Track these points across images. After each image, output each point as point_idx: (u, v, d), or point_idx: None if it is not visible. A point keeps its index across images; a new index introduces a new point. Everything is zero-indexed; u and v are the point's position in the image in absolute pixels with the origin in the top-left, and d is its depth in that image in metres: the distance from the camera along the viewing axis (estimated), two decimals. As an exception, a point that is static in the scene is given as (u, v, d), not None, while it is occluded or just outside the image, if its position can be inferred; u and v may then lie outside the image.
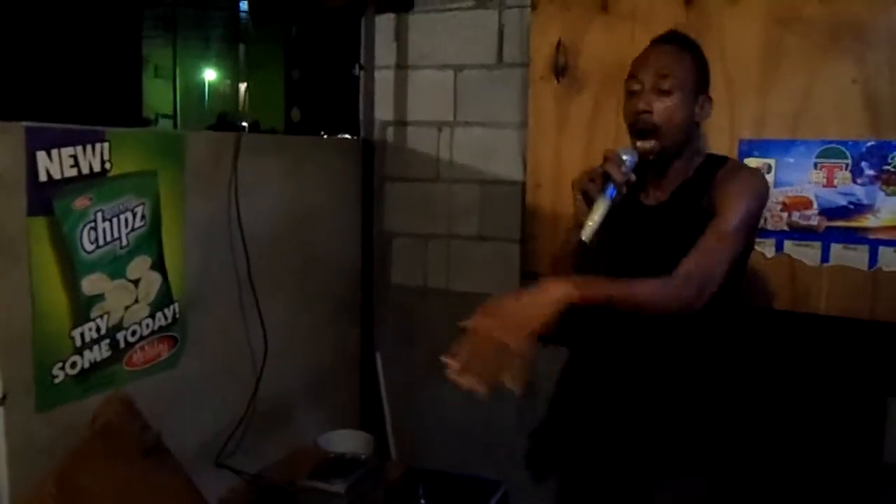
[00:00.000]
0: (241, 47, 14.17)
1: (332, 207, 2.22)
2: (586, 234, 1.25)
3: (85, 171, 1.39)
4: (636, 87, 1.32)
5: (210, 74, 14.80)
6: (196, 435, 1.73)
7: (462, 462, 2.27)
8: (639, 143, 1.31)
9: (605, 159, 1.29)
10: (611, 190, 1.26)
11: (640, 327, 1.34)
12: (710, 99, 1.36)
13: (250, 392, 1.87)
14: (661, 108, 1.29)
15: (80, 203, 1.39)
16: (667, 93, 1.29)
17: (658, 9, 1.90)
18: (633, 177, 1.29)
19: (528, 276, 2.19)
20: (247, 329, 1.87)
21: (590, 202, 1.28)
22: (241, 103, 14.02)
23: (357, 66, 2.45)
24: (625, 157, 1.28)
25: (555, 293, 1.08)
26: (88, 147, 1.40)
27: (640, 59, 1.35)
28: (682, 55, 1.33)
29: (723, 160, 1.37)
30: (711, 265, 1.21)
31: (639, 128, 1.31)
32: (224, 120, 10.89)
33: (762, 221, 1.80)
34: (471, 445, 2.32)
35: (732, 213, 1.24)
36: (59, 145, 1.35)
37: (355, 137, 2.40)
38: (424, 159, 2.35)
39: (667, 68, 1.30)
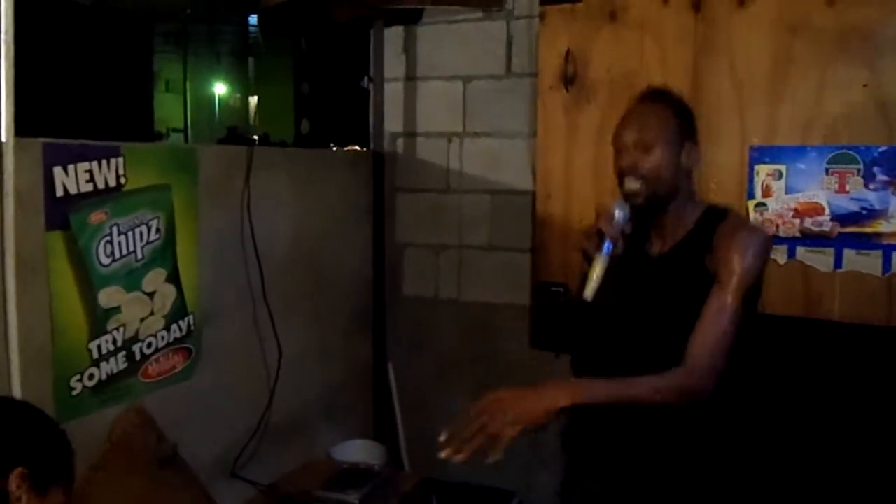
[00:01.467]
0: (251, 61, 14.32)
1: (344, 219, 2.24)
2: (588, 292, 1.29)
3: (101, 185, 1.42)
4: (620, 145, 1.37)
5: (220, 88, 14.95)
6: (211, 446, 1.74)
7: (475, 472, 2.27)
8: (626, 184, 1.35)
9: (598, 216, 1.33)
10: (607, 246, 1.31)
11: (646, 338, 1.34)
12: (696, 145, 1.40)
13: (264, 403, 1.88)
14: (645, 163, 1.33)
15: (95, 217, 1.41)
16: (649, 147, 1.33)
17: (667, 17, 1.91)
18: (627, 229, 1.34)
19: (539, 286, 2.19)
20: (260, 340, 1.88)
21: (590, 260, 1.32)
22: (251, 116, 14.15)
23: (366, 79, 2.47)
24: (616, 212, 1.33)
25: (556, 399, 1.15)
26: (104, 162, 1.42)
27: (623, 118, 1.41)
28: (661, 110, 1.37)
29: (723, 214, 1.39)
30: (716, 348, 1.24)
31: (626, 184, 1.35)
32: (234, 133, 10.98)
33: (774, 228, 1.80)
34: (483, 456, 2.32)
35: (734, 284, 1.27)
36: (76, 160, 1.37)
37: (365, 149, 2.42)
38: (434, 170, 2.36)
39: (646, 125, 1.35)
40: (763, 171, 1.81)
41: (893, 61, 1.70)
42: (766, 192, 1.82)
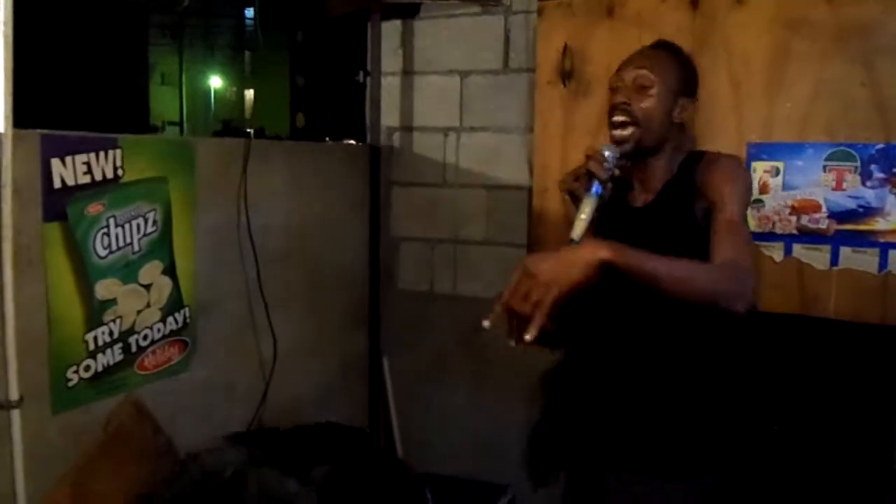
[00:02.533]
0: (247, 54, 14.25)
1: (340, 213, 2.24)
2: (576, 232, 1.27)
3: (98, 177, 1.41)
4: (618, 83, 1.35)
5: (216, 81, 14.88)
6: (206, 437, 1.73)
7: (469, 466, 2.28)
8: (615, 132, 1.33)
9: (587, 157, 1.31)
10: (596, 187, 1.29)
11: (643, 331, 1.35)
12: (693, 102, 1.39)
13: (260, 395, 1.88)
14: (640, 103, 1.32)
15: (93, 209, 1.41)
16: (646, 89, 1.32)
17: (664, 13, 1.91)
18: (616, 171, 1.32)
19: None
20: (256, 333, 1.88)
21: (577, 201, 1.31)
22: (246, 110, 14.09)
23: (361, 73, 2.47)
24: (606, 153, 1.31)
25: (594, 254, 1.08)
26: (101, 154, 1.42)
27: (626, 60, 1.39)
28: (665, 56, 1.38)
29: (700, 154, 1.39)
30: (745, 261, 1.21)
31: (617, 118, 1.33)
32: (229, 126, 10.95)
33: (770, 225, 1.81)
34: (478, 450, 2.33)
35: (730, 206, 1.26)
36: (73, 152, 1.36)
37: (361, 143, 2.41)
38: (431, 164, 2.36)
39: (647, 66, 1.35)
40: (760, 167, 1.82)
41: (891, 59, 1.70)
42: (764, 189, 1.82)
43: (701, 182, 1.32)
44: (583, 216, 1.27)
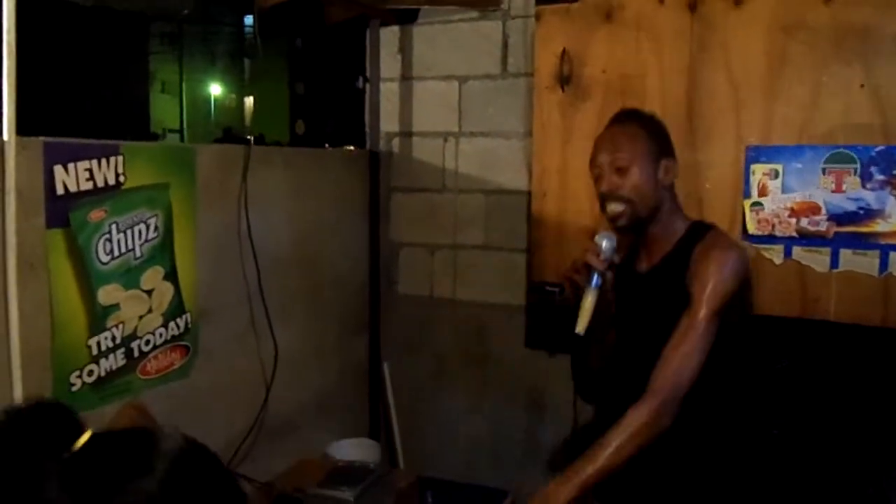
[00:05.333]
0: (246, 62, 14.29)
1: (340, 218, 2.24)
2: (580, 326, 1.32)
3: (100, 184, 1.42)
4: (597, 171, 1.39)
5: (215, 89, 14.92)
6: (208, 443, 1.72)
7: (469, 471, 2.28)
8: (608, 207, 1.37)
9: (584, 250, 1.35)
10: (596, 280, 1.32)
11: (647, 346, 1.36)
12: (674, 160, 1.41)
13: (261, 401, 1.88)
14: (625, 183, 1.35)
15: (95, 215, 1.41)
16: (625, 169, 1.35)
17: (662, 17, 1.93)
18: (616, 259, 1.36)
19: (534, 286, 2.20)
20: (257, 338, 1.88)
21: (579, 290, 1.35)
22: (246, 117, 14.12)
23: (360, 79, 2.48)
24: (603, 244, 1.34)
25: (556, 500, 1.21)
26: (103, 161, 1.43)
27: (596, 143, 1.44)
28: (633, 130, 1.39)
29: (705, 231, 1.39)
30: (676, 374, 1.27)
31: (612, 207, 1.37)
32: (230, 133, 10.96)
33: (770, 228, 1.82)
34: (478, 454, 2.33)
35: (701, 301, 1.28)
36: (76, 159, 1.37)
37: (360, 149, 2.42)
38: (430, 170, 2.37)
39: (620, 148, 1.37)
40: (759, 170, 1.82)
41: (890, 61, 1.71)
42: (763, 192, 1.83)
43: (694, 263, 1.34)
44: (586, 308, 1.31)
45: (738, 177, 1.85)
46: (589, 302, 1.31)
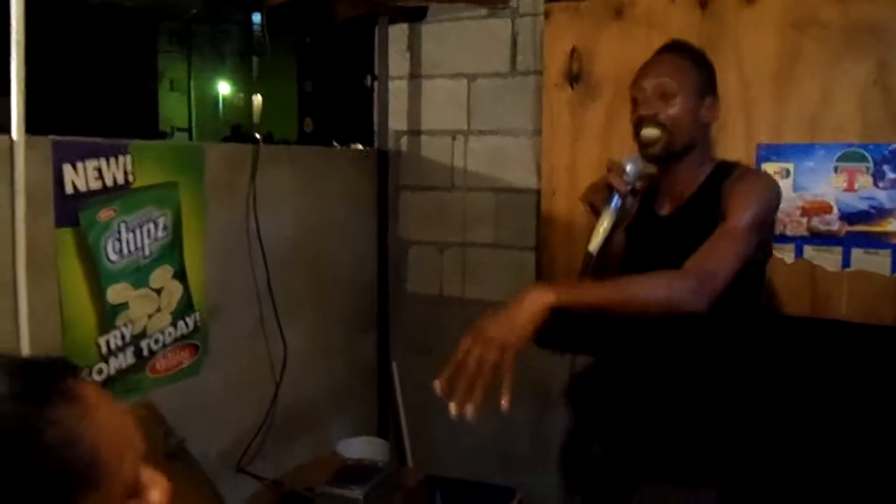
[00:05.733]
0: (255, 60, 14.33)
1: (348, 217, 2.24)
2: (593, 245, 1.27)
3: (109, 183, 1.42)
4: (639, 94, 1.34)
5: (224, 87, 14.96)
6: (217, 441, 1.75)
7: (477, 470, 2.27)
8: (644, 132, 1.31)
9: (608, 170, 1.31)
10: (616, 200, 1.28)
11: (656, 335, 1.34)
12: (717, 99, 1.37)
13: (270, 399, 1.89)
14: (666, 111, 1.31)
15: (104, 214, 1.42)
16: (670, 96, 1.31)
17: (673, 14, 1.91)
18: (638, 184, 1.31)
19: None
20: (266, 337, 1.89)
21: (597, 213, 1.30)
22: (254, 115, 14.16)
23: (369, 77, 2.47)
24: (628, 167, 1.30)
25: (534, 303, 1.06)
26: (112, 159, 1.43)
27: (643, 67, 1.39)
28: (683, 60, 1.36)
29: (732, 167, 1.36)
30: (716, 262, 1.16)
31: (647, 131, 1.32)
32: (238, 131, 11.00)
33: (781, 227, 1.80)
34: (486, 453, 2.32)
35: (738, 214, 1.22)
36: (85, 158, 1.38)
37: (369, 147, 2.42)
38: (439, 168, 2.36)
39: (668, 73, 1.33)
40: (770, 169, 1.80)
41: (901, 58, 1.69)
42: (773, 191, 1.81)
43: (726, 193, 1.29)
44: (601, 229, 1.27)
45: (749, 175, 1.83)
46: (606, 222, 1.26)
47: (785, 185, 1.80)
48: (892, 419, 1.75)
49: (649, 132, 1.31)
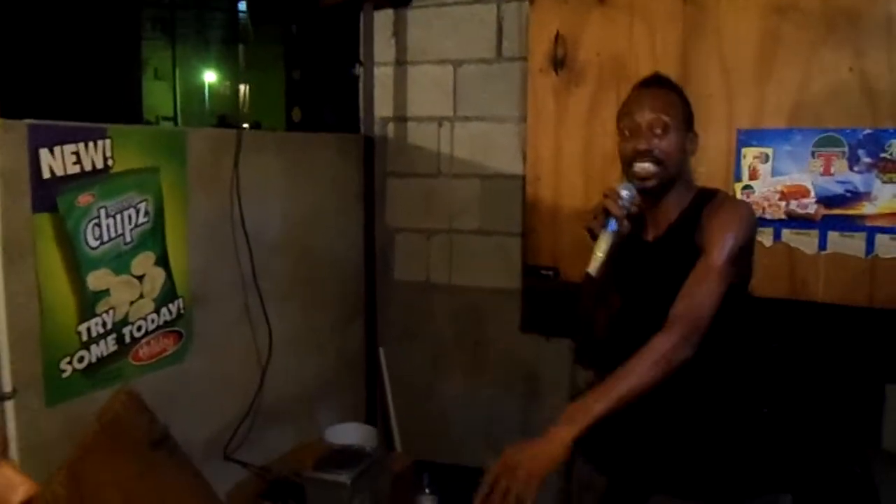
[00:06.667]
0: (241, 48, 14.18)
1: (334, 204, 2.24)
2: (592, 267, 1.32)
3: (87, 167, 1.41)
4: (632, 128, 1.37)
5: (210, 76, 14.81)
6: (203, 428, 1.74)
7: (465, 454, 2.29)
8: (639, 165, 1.35)
9: (604, 196, 1.34)
10: (612, 224, 1.32)
11: (656, 320, 1.36)
12: (696, 135, 1.42)
13: (256, 386, 1.89)
14: (660, 144, 1.35)
15: (83, 199, 1.40)
16: (665, 130, 1.35)
17: (656, 1, 1.91)
18: (633, 209, 1.35)
19: (529, 269, 2.21)
20: (251, 324, 1.88)
21: (595, 237, 1.34)
22: (241, 104, 14.04)
23: (356, 65, 2.46)
24: (623, 192, 1.34)
25: (563, 441, 1.16)
26: (90, 144, 1.41)
27: (634, 101, 1.41)
28: (672, 96, 1.39)
29: (712, 194, 1.41)
30: (697, 308, 1.26)
31: (643, 165, 1.35)
32: (224, 121, 10.92)
33: (760, 211, 1.82)
34: (474, 439, 2.34)
35: (716, 252, 1.29)
36: (62, 142, 1.36)
37: (355, 134, 2.41)
38: (425, 155, 2.36)
39: (661, 109, 1.36)
40: (750, 153, 1.83)
41: (878, 45, 1.71)
42: (753, 175, 1.83)
43: (705, 221, 1.35)
44: (599, 252, 1.31)
45: (730, 160, 1.85)
46: (604, 245, 1.31)
47: (764, 169, 1.82)
48: (867, 398, 1.78)
49: (645, 167, 1.36)
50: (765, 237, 1.83)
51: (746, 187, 1.83)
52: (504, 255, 2.28)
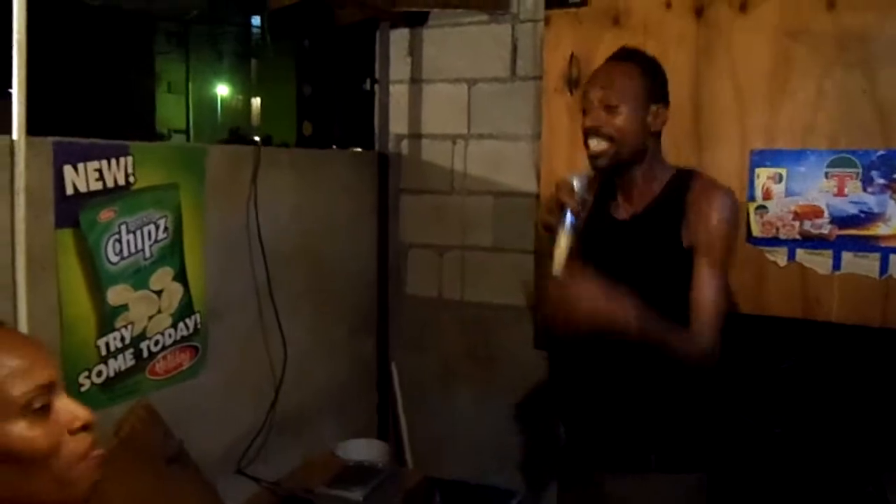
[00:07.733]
0: (253, 62, 14.34)
1: (349, 220, 2.26)
2: (556, 267, 1.30)
3: (110, 184, 1.43)
4: (587, 105, 1.36)
5: (222, 89, 14.97)
6: (217, 443, 1.75)
7: (477, 471, 2.28)
8: (591, 143, 1.34)
9: (557, 188, 1.33)
10: (570, 218, 1.30)
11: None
12: (665, 106, 1.37)
13: (269, 401, 1.90)
14: (611, 121, 1.32)
15: (104, 215, 1.43)
16: (614, 107, 1.32)
17: (669, 22, 1.93)
18: (588, 197, 1.33)
19: (543, 287, 2.21)
20: (266, 338, 1.90)
21: (554, 233, 1.32)
22: (253, 118, 14.17)
23: (368, 81, 2.49)
24: (575, 183, 1.32)
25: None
26: (113, 161, 1.44)
27: (591, 77, 1.40)
28: (629, 68, 1.35)
29: (690, 176, 1.38)
30: (712, 317, 1.29)
31: (592, 143, 1.35)
32: (236, 134, 11.00)
33: (774, 231, 1.82)
34: (485, 454, 2.33)
35: (715, 253, 1.30)
36: (85, 159, 1.39)
37: (369, 150, 2.44)
38: (439, 172, 2.38)
39: (612, 84, 1.33)
40: (764, 174, 1.83)
41: (891, 66, 1.72)
42: (767, 195, 1.83)
43: (692, 213, 1.32)
44: (560, 249, 1.29)
45: (743, 180, 1.85)
46: (563, 241, 1.29)
47: (778, 189, 1.83)
48: (881, 418, 1.77)
49: (595, 144, 1.34)
50: (779, 257, 1.83)
51: (760, 207, 1.83)
52: (517, 273, 2.28)
